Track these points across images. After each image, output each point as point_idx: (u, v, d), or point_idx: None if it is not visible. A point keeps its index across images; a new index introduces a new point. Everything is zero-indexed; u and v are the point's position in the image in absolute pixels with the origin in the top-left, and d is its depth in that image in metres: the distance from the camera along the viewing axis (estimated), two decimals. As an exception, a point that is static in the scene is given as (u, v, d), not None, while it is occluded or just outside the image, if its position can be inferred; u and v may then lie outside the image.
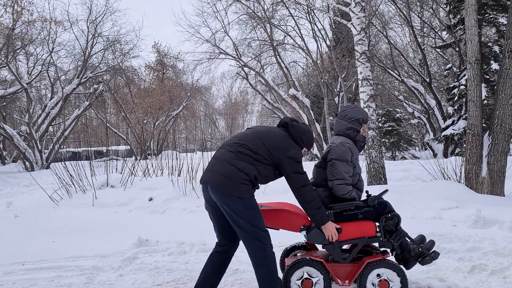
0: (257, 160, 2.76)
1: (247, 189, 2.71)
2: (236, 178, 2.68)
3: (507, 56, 6.74)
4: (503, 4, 11.96)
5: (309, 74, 27.10)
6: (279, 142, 2.83)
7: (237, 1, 19.49)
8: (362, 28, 8.20)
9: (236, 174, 2.69)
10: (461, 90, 14.94)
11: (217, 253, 2.93)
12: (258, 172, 2.76)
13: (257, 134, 2.88)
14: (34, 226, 5.85)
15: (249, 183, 2.73)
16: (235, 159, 2.75)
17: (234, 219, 2.71)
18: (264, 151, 2.78)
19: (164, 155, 17.41)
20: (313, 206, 2.82)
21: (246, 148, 2.79)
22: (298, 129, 2.97)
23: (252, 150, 2.77)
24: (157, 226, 5.66)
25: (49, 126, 21.63)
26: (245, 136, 2.89)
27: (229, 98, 52.02)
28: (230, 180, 2.68)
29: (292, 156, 2.79)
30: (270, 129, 2.98)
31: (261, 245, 2.72)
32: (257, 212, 2.75)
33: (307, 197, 2.81)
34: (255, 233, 2.71)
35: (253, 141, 2.82)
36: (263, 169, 2.78)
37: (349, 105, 3.43)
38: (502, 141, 6.82)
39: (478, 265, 3.59)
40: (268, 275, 2.76)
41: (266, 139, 2.83)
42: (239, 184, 2.68)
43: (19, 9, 18.65)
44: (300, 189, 2.80)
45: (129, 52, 24.84)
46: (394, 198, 5.26)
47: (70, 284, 3.51)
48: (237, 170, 2.70)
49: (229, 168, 2.72)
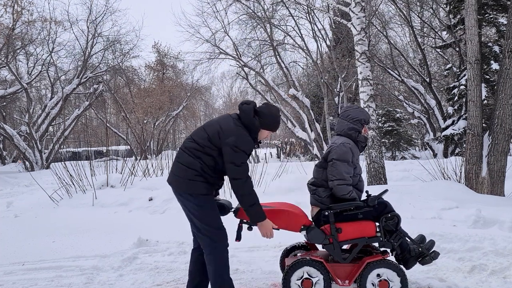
0: (204, 152, 2.70)
1: (198, 185, 2.69)
2: (185, 175, 2.71)
3: (507, 56, 6.74)
4: (503, 4, 11.95)
5: (309, 74, 27.10)
6: (220, 130, 2.71)
7: (237, 1, 19.50)
8: (362, 28, 8.20)
9: (184, 171, 2.71)
10: (461, 90, 14.94)
11: (195, 249, 2.95)
12: (205, 164, 2.70)
13: (205, 125, 2.85)
14: (34, 226, 5.85)
15: (200, 178, 2.69)
16: (183, 156, 2.76)
17: (190, 217, 2.77)
18: (206, 140, 2.72)
19: (164, 155, 17.41)
20: (244, 201, 2.72)
21: (192, 142, 2.78)
22: (246, 112, 2.78)
23: (198, 142, 2.74)
24: (157, 226, 5.65)
25: (49, 126, 21.63)
26: (195, 131, 2.87)
27: (229, 98, 52.00)
28: (181, 179, 2.72)
29: (230, 144, 2.64)
30: (221, 117, 2.87)
31: (212, 243, 2.73)
32: (210, 209, 2.74)
33: (238, 191, 2.70)
34: (205, 231, 2.73)
35: (199, 132, 2.80)
36: (209, 160, 2.70)
37: (351, 105, 3.42)
38: (502, 141, 6.82)
39: (478, 265, 3.59)
40: (217, 274, 2.77)
41: (209, 127, 2.78)
42: (189, 181, 2.69)
43: (19, 9, 18.65)
44: (231, 180, 2.70)
45: (129, 52, 24.86)
46: (394, 198, 5.25)
47: (70, 284, 3.51)
48: (186, 167, 2.71)
49: (179, 167, 2.75)
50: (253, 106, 2.84)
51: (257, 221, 2.79)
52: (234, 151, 2.65)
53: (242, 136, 2.69)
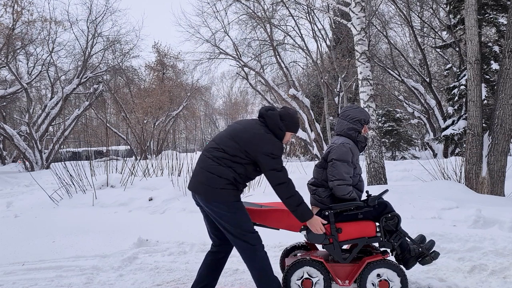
0: (234, 162, 2.73)
1: (229, 193, 2.71)
2: (216, 184, 2.69)
3: (507, 56, 6.74)
4: (503, 4, 11.96)
5: (309, 74, 27.10)
6: (253, 139, 2.74)
7: (237, 1, 19.50)
8: (362, 28, 8.20)
9: (215, 180, 2.70)
10: (461, 90, 14.93)
11: (212, 253, 2.95)
12: (237, 173, 2.73)
13: (232, 133, 2.83)
14: (34, 226, 5.85)
15: (231, 186, 2.72)
16: (212, 165, 2.74)
17: (221, 223, 2.75)
18: (239, 152, 2.74)
19: (164, 155, 17.41)
20: (291, 203, 2.76)
21: (222, 151, 2.76)
22: (273, 118, 2.85)
23: (228, 152, 2.75)
24: (157, 226, 5.65)
25: (49, 126, 21.62)
26: (221, 138, 2.85)
27: (229, 98, 52.03)
28: (211, 188, 2.70)
29: (267, 152, 2.71)
30: (246, 125, 2.88)
31: (251, 247, 2.74)
32: (242, 215, 2.75)
33: (284, 195, 2.75)
34: (242, 236, 2.73)
35: (228, 142, 2.79)
36: (241, 169, 2.74)
37: (351, 105, 3.42)
38: (502, 141, 6.82)
39: (478, 265, 3.59)
40: (262, 275, 2.77)
41: (240, 138, 2.78)
42: (220, 190, 2.69)
43: (19, 9, 18.65)
44: (277, 186, 2.75)
45: (129, 52, 24.86)
46: (394, 198, 5.26)
47: (70, 284, 3.51)
48: (216, 176, 2.70)
49: (209, 175, 2.73)
50: (278, 112, 2.92)
51: (306, 220, 2.82)
52: (273, 158, 2.72)
53: (276, 142, 2.78)
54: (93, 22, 22.12)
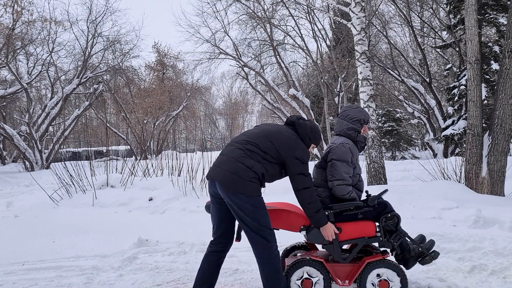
0: (265, 158, 2.77)
1: (255, 187, 2.72)
2: (245, 176, 2.69)
3: (507, 56, 6.74)
4: (503, 4, 11.96)
5: (309, 74, 27.11)
6: (287, 142, 2.84)
7: (237, 1, 19.50)
8: (362, 28, 8.20)
9: (245, 172, 2.70)
10: (461, 90, 14.93)
11: (211, 253, 2.93)
12: (266, 170, 2.77)
13: (266, 132, 2.89)
14: (34, 226, 5.85)
15: (257, 181, 2.74)
16: (244, 156, 2.75)
17: (241, 216, 2.72)
18: (272, 150, 2.79)
19: (164, 155, 17.42)
20: (311, 208, 2.83)
21: (255, 146, 2.79)
22: (304, 128, 2.97)
23: (261, 148, 2.79)
24: (157, 226, 5.65)
25: (49, 126, 21.62)
26: (254, 134, 2.89)
27: (229, 98, 52.04)
28: (239, 178, 2.68)
29: (299, 157, 2.80)
30: (279, 128, 2.97)
31: (267, 243, 2.74)
32: (264, 210, 2.77)
33: (306, 200, 2.82)
34: (260, 231, 2.72)
35: (262, 139, 2.83)
36: (270, 168, 2.79)
37: (351, 105, 3.42)
38: (502, 141, 6.82)
39: (478, 265, 3.59)
40: (273, 273, 2.77)
41: (274, 138, 2.84)
42: (248, 182, 2.69)
43: (19, 9, 18.65)
44: (301, 190, 2.80)
45: (129, 52, 24.87)
46: (394, 198, 5.27)
47: (70, 284, 3.51)
48: (246, 168, 2.70)
49: (238, 165, 2.72)
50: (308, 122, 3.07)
51: (321, 225, 2.89)
52: (302, 163, 2.81)
53: (306, 149, 2.90)
54: (93, 22, 22.14)
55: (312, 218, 2.87)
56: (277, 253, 2.80)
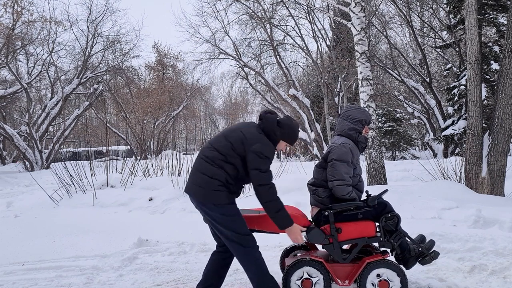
0: (226, 162, 2.70)
1: (222, 195, 2.68)
2: (209, 186, 2.68)
3: (507, 56, 6.73)
4: (503, 4, 11.95)
5: (309, 74, 27.11)
6: (243, 136, 2.73)
7: (237, 1, 19.50)
8: (362, 28, 8.20)
9: (208, 182, 2.69)
10: (461, 90, 14.93)
11: (217, 253, 2.95)
12: (228, 174, 2.70)
13: (225, 132, 2.85)
14: (34, 226, 5.85)
15: (224, 188, 2.69)
16: (206, 166, 2.73)
17: (215, 226, 2.75)
18: (228, 149, 2.71)
19: (164, 155, 17.42)
20: (270, 208, 2.70)
21: (213, 150, 2.75)
22: (270, 121, 2.83)
23: (219, 151, 2.73)
24: (157, 226, 5.65)
25: (49, 126, 21.62)
26: (215, 138, 2.86)
27: (229, 98, 52.00)
28: (204, 189, 2.69)
29: (255, 150, 2.66)
30: (241, 124, 2.89)
31: (244, 249, 2.73)
32: (235, 217, 2.73)
33: (263, 198, 2.69)
34: (236, 238, 2.72)
35: (220, 140, 2.78)
36: (233, 171, 2.71)
37: (352, 105, 3.41)
38: (502, 141, 6.82)
39: (478, 265, 3.59)
40: (257, 276, 2.77)
41: (230, 134, 2.77)
42: (213, 192, 2.67)
43: (19, 9, 18.66)
44: (257, 187, 2.69)
45: (129, 52, 24.88)
46: (394, 198, 5.26)
47: (70, 284, 3.51)
48: (208, 178, 2.69)
49: (201, 177, 2.72)
50: (276, 116, 2.92)
51: (285, 227, 2.76)
52: (260, 157, 2.66)
53: (267, 143, 2.74)
54: (93, 22, 22.14)
55: (274, 218, 2.74)
56: (258, 256, 2.76)
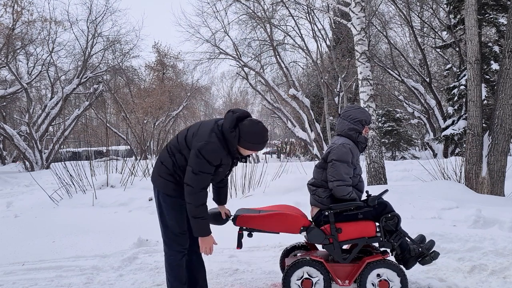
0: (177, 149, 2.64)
1: (167, 185, 2.64)
2: (158, 171, 2.71)
3: (507, 56, 6.73)
4: (503, 4, 11.95)
5: (309, 74, 27.11)
6: (197, 130, 2.60)
7: (237, 1, 19.51)
8: (362, 28, 8.20)
9: (158, 167, 2.72)
10: (461, 90, 14.94)
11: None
12: (176, 161, 2.61)
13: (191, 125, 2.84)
14: (34, 226, 5.85)
15: (171, 178, 2.63)
16: (163, 152, 2.76)
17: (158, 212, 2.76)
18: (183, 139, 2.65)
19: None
20: (189, 210, 2.50)
21: (175, 138, 2.76)
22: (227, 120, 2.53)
23: (178, 140, 2.70)
24: (157, 226, 5.61)
25: (49, 126, 21.62)
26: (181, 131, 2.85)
27: (229, 98, 51.98)
28: (155, 173, 2.73)
29: (196, 147, 2.47)
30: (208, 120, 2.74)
31: (165, 247, 2.75)
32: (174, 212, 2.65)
33: (187, 197, 2.48)
34: (162, 232, 2.75)
35: (183, 130, 2.80)
36: (181, 159, 2.60)
37: (353, 105, 3.40)
38: (502, 141, 6.82)
39: (478, 265, 3.59)
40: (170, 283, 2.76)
41: (192, 126, 2.74)
42: (159, 177, 2.68)
43: (19, 9, 18.66)
44: (185, 186, 2.50)
45: (129, 52, 24.89)
46: (394, 198, 5.26)
47: (70, 284, 3.51)
48: (160, 163, 2.72)
49: (157, 162, 2.77)
50: (237, 117, 2.52)
51: (199, 235, 2.56)
52: (197, 156, 2.45)
53: (211, 144, 2.46)
54: (93, 22, 22.15)
55: (191, 221, 2.53)
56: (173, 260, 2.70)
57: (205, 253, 2.59)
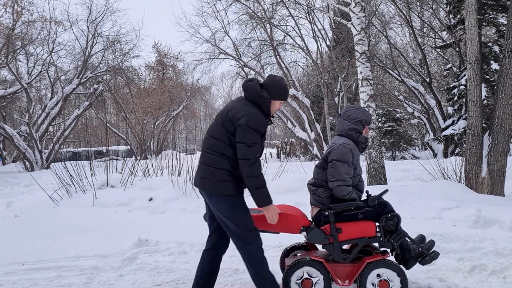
0: (223, 146, 2.65)
1: (228, 185, 2.66)
2: (214, 177, 2.66)
3: (507, 56, 6.73)
4: (503, 4, 11.95)
5: (309, 74, 27.11)
6: (229, 113, 2.65)
7: (237, 1, 19.51)
8: (362, 28, 8.20)
9: (213, 173, 2.67)
10: (461, 90, 14.94)
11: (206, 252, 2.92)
12: (230, 158, 2.64)
13: (217, 116, 2.79)
14: (34, 226, 5.85)
15: (230, 178, 2.65)
16: (207, 157, 2.71)
17: (220, 218, 2.72)
18: (222, 132, 2.66)
19: (164, 155, 17.44)
20: (252, 183, 2.60)
21: (210, 138, 2.72)
22: (252, 88, 2.71)
23: (214, 136, 2.69)
24: (157, 226, 5.65)
25: (49, 126, 21.63)
26: (210, 127, 2.82)
27: (229, 98, 51.97)
28: (209, 181, 2.68)
29: (241, 123, 2.56)
30: (228, 103, 2.81)
31: (245, 246, 2.71)
32: (241, 210, 2.71)
33: (245, 172, 2.58)
34: (239, 233, 2.70)
35: (211, 126, 2.77)
36: (230, 151, 2.64)
37: (353, 105, 3.40)
38: (502, 141, 6.82)
39: (478, 265, 3.59)
40: (255, 273, 2.75)
41: (219, 117, 2.72)
42: (218, 182, 2.65)
43: (19, 9, 18.67)
44: (240, 160, 2.58)
45: (129, 52, 24.90)
46: (394, 198, 5.26)
47: (70, 284, 3.51)
48: (213, 168, 2.67)
49: (206, 169, 2.70)
50: (258, 81, 2.77)
51: (263, 205, 2.69)
52: (245, 130, 2.56)
53: (252, 114, 2.60)
54: (93, 22, 22.16)
55: (253, 194, 2.64)
56: (258, 253, 2.72)
57: (272, 221, 2.74)
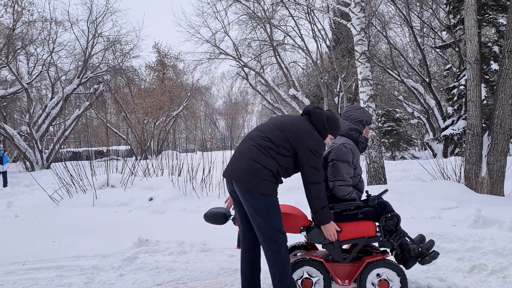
0: (278, 153, 2.69)
1: (270, 186, 2.67)
2: (260, 175, 2.64)
3: (507, 56, 6.74)
4: (503, 4, 11.96)
5: (309, 74, 27.13)
6: (299, 132, 2.73)
7: (237, 2, 19.51)
8: (362, 28, 8.21)
9: (259, 171, 2.65)
10: (460, 90, 14.95)
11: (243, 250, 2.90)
12: (280, 165, 2.70)
13: (278, 124, 2.81)
14: (34, 226, 5.86)
15: (273, 179, 2.69)
16: (258, 154, 2.69)
17: (253, 216, 2.69)
18: (285, 142, 2.71)
19: (164, 155, 17.44)
20: (317, 204, 2.74)
21: (268, 140, 2.72)
22: (320, 117, 2.85)
23: (273, 142, 2.71)
24: (157, 226, 5.66)
25: (49, 126, 21.65)
26: (267, 128, 2.82)
27: (229, 98, 52.06)
28: (254, 177, 2.64)
29: (310, 148, 2.69)
30: (292, 119, 2.87)
31: (275, 247, 2.69)
32: (277, 212, 2.72)
33: (313, 194, 2.72)
34: (271, 234, 2.68)
35: (274, 132, 2.76)
36: (284, 162, 2.71)
37: (353, 105, 3.41)
38: (502, 141, 6.83)
39: (478, 265, 3.59)
40: (280, 275, 2.73)
41: (286, 129, 2.76)
42: (263, 181, 2.65)
43: (20, 9, 18.69)
44: (309, 185, 2.72)
45: (130, 52, 24.91)
46: (394, 198, 5.26)
47: (71, 284, 3.51)
48: (261, 166, 2.65)
49: (253, 164, 2.67)
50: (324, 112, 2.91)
51: (324, 224, 2.80)
52: (315, 155, 2.69)
53: (320, 140, 2.76)
54: (94, 22, 22.18)
55: (317, 214, 2.78)
56: (286, 256, 2.73)
57: (332, 238, 2.84)
